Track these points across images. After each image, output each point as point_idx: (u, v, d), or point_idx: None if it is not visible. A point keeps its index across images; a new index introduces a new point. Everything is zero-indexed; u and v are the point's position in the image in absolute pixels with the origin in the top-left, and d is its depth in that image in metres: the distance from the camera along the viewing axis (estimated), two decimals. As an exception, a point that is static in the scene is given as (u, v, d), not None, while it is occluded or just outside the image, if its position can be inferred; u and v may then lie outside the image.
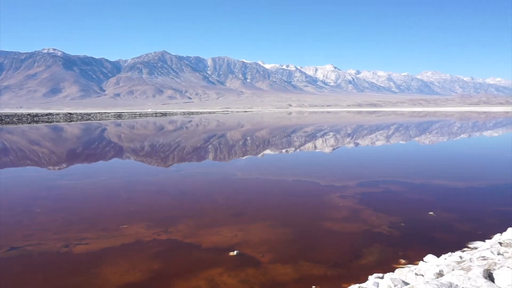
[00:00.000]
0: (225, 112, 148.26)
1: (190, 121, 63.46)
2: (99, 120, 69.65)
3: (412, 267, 4.42)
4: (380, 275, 4.33)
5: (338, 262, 5.41)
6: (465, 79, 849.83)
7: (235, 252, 5.72)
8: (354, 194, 9.51)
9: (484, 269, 2.66)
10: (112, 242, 6.29)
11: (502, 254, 3.71)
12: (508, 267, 2.75)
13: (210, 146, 23.28)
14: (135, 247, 6.10)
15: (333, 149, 20.95)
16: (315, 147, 21.73)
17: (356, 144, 23.35)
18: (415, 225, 7.05)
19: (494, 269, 2.74)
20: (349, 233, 6.64)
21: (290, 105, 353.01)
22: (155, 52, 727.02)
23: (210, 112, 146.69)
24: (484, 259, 3.55)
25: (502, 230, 5.93)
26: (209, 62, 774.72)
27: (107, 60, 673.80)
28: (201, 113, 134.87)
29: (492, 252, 3.84)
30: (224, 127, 46.03)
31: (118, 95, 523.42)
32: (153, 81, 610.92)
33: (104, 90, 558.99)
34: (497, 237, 5.61)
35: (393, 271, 4.41)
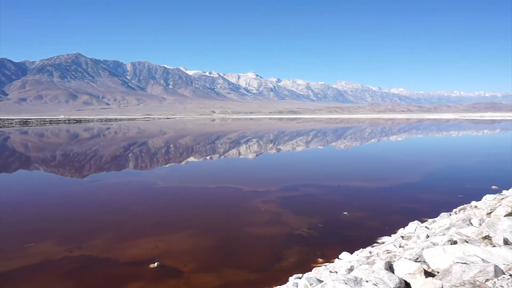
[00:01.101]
0: (147, 119, 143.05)
1: (108, 128, 59.95)
2: (1, 127, 62.42)
3: (328, 265, 4.68)
4: (300, 275, 4.50)
5: (260, 266, 5.51)
6: (373, 88, 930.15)
7: (155, 264, 5.51)
8: (276, 198, 9.80)
9: (386, 262, 2.93)
10: (14, 265, 5.63)
11: (403, 247, 4.12)
12: (405, 257, 3.07)
13: (130, 154, 22.22)
14: (43, 267, 5.54)
15: (257, 155, 21.39)
16: (239, 154, 21.98)
17: (278, 150, 24.14)
18: (331, 225, 7.48)
19: (394, 261, 3.04)
20: (271, 236, 6.80)
21: (214, 112, 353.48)
22: (68, 55, 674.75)
23: (130, 119, 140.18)
24: (388, 252, 3.91)
25: (405, 224, 6.57)
26: (129, 67, 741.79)
27: (10, 61, 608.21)
28: (120, 120, 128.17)
29: (395, 245, 4.24)
30: (145, 134, 44.32)
31: (23, 99, 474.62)
32: (65, 85, 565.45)
33: (7, 94, 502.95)
34: (400, 231, 6.20)
35: (311, 270, 4.62)
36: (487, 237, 3.62)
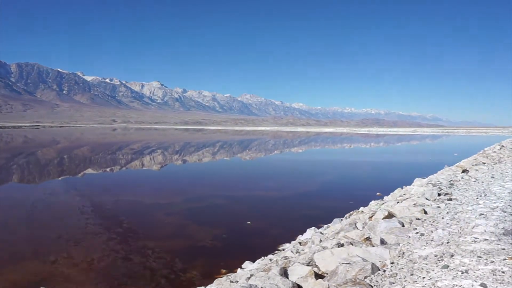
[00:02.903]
0: (36, 127, 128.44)
1: (-15, 137, 52.27)
2: None
3: (230, 275, 4.77)
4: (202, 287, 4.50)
5: (162, 281, 5.36)
6: (276, 102, 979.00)
7: (43, 289, 4.98)
8: (180, 210, 9.64)
9: (281, 268, 3.14)
10: None
11: (299, 252, 4.43)
12: (299, 262, 3.32)
13: (14, 166, 19.69)
14: None
15: (161, 166, 20.76)
16: (142, 165, 21.09)
17: (184, 161, 23.78)
18: (235, 235, 7.63)
19: (289, 266, 3.26)
20: (174, 250, 6.66)
21: (115, 121, 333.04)
22: None
23: (14, 127, 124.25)
24: (285, 259, 4.17)
25: (304, 231, 7.03)
26: (13, 68, 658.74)
27: None
28: (2, 127, 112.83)
29: (292, 251, 4.54)
30: (33, 144, 39.73)
31: None
32: None
33: None
34: (299, 237, 6.62)
35: (213, 282, 4.65)
36: (368, 239, 4.10)
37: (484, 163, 11.98)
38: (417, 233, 4.03)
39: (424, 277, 2.85)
